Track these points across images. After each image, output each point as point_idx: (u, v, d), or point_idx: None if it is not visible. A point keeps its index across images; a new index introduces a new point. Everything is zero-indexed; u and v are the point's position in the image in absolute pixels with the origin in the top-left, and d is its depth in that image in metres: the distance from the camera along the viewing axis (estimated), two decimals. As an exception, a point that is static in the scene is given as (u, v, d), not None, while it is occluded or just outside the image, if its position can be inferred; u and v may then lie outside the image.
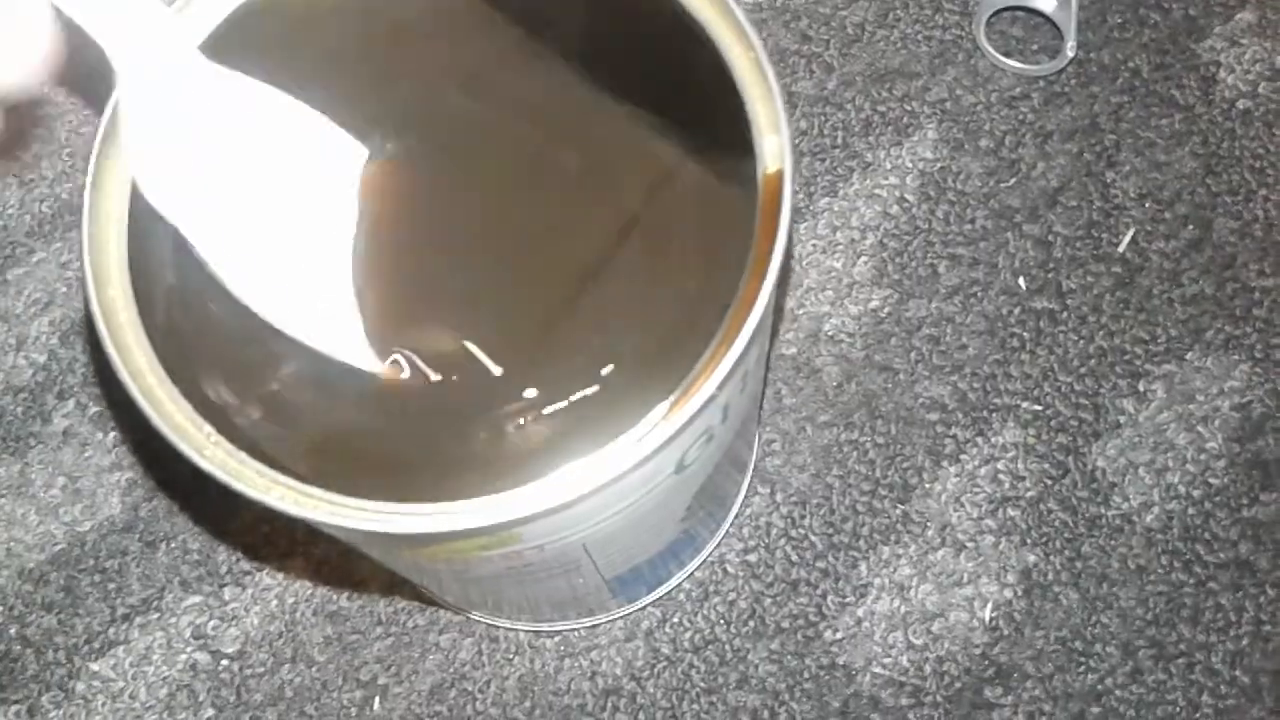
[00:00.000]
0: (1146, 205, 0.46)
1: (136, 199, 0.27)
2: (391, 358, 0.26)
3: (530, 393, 0.27)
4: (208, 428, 0.25)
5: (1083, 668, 0.41)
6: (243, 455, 0.25)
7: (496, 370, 0.26)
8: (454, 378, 0.27)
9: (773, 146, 0.27)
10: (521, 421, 0.26)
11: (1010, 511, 0.43)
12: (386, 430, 0.27)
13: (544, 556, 0.29)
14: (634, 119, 0.29)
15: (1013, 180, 0.47)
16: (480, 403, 0.27)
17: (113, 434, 0.45)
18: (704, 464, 0.30)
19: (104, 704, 0.43)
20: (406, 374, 0.26)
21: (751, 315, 0.25)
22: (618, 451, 0.24)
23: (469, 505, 0.24)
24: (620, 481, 0.25)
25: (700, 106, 0.28)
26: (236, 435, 0.25)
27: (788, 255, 0.26)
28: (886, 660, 0.42)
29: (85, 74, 0.24)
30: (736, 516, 0.44)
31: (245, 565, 0.44)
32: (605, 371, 0.26)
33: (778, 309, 0.46)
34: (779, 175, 0.26)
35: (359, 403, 0.26)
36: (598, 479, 0.24)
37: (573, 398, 0.26)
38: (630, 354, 0.26)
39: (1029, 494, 0.43)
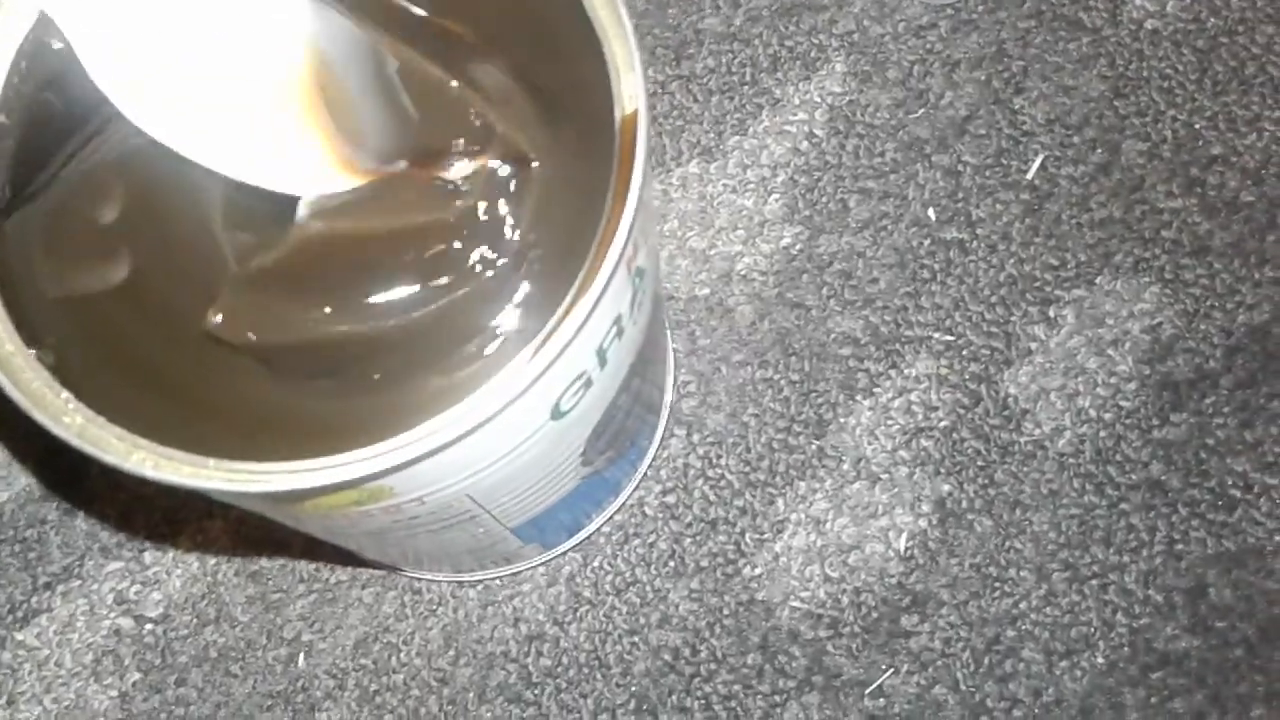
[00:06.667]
0: (1055, 130, 0.46)
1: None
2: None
3: (407, 353, 0.26)
4: (66, 394, 0.25)
5: (997, 593, 0.42)
6: (102, 420, 0.25)
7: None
8: (332, 330, 0.27)
9: (630, 87, 0.26)
10: (392, 380, 0.26)
11: (924, 442, 0.43)
12: (261, 391, 0.27)
13: (428, 509, 0.29)
14: (500, 70, 0.28)
15: (921, 111, 0.47)
16: (358, 360, 0.27)
17: (27, 403, 0.45)
18: (588, 409, 0.30)
19: (30, 672, 0.43)
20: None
21: (606, 261, 0.25)
22: (475, 403, 0.24)
23: (328, 461, 0.24)
24: (481, 431, 0.25)
25: (561, 51, 0.28)
26: (96, 401, 0.25)
27: (646, 198, 0.26)
28: (804, 594, 0.42)
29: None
30: (653, 459, 0.44)
31: (164, 529, 0.44)
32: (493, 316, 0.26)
33: (690, 249, 0.45)
34: (635, 116, 0.26)
35: (221, 362, 0.26)
36: (455, 430, 0.24)
37: (452, 353, 0.26)
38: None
39: (942, 424, 0.43)
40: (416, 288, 0.26)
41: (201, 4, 0.26)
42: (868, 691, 0.41)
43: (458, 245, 0.26)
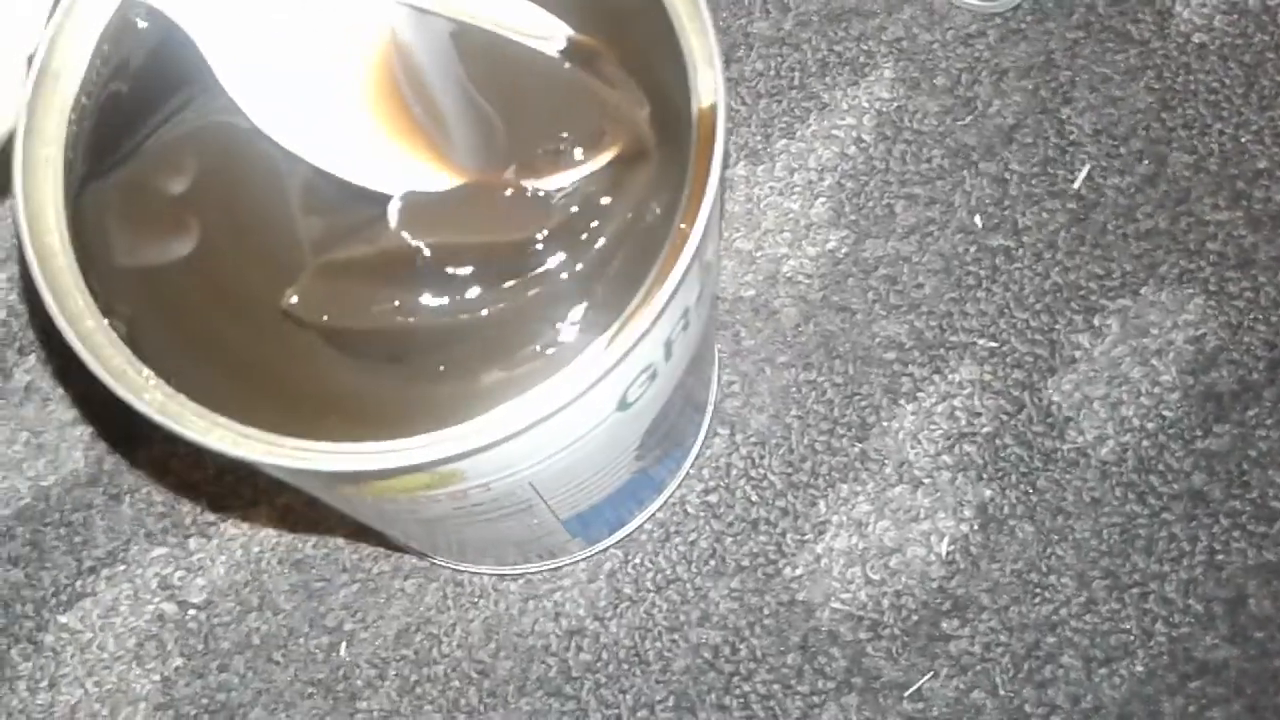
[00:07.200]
0: (1102, 141, 0.46)
1: (71, 140, 0.27)
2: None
3: (474, 345, 0.27)
4: (146, 371, 0.25)
5: (1038, 599, 0.42)
6: (182, 398, 0.25)
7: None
8: (403, 321, 0.27)
9: (707, 81, 0.27)
10: (456, 370, 0.27)
11: (966, 447, 0.43)
12: (328, 372, 0.27)
13: (491, 496, 0.29)
14: (575, 63, 0.29)
15: (969, 118, 0.47)
16: (425, 349, 0.27)
17: (75, 388, 0.45)
18: (650, 402, 0.30)
19: (73, 655, 0.43)
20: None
21: (684, 253, 0.25)
22: (552, 388, 0.25)
23: (404, 443, 0.25)
24: (555, 418, 0.25)
25: (636, 44, 0.28)
26: (176, 379, 0.26)
27: (722, 191, 0.26)
28: (845, 595, 0.42)
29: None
30: (697, 458, 0.44)
31: (210, 516, 0.44)
32: (561, 318, 0.26)
33: (736, 250, 0.46)
34: (713, 109, 0.26)
35: (290, 341, 0.27)
36: (531, 415, 0.24)
37: (518, 349, 0.26)
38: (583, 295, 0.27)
39: (985, 430, 0.44)
40: (493, 287, 0.26)
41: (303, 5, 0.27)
42: (906, 694, 0.41)
43: (542, 250, 0.26)
